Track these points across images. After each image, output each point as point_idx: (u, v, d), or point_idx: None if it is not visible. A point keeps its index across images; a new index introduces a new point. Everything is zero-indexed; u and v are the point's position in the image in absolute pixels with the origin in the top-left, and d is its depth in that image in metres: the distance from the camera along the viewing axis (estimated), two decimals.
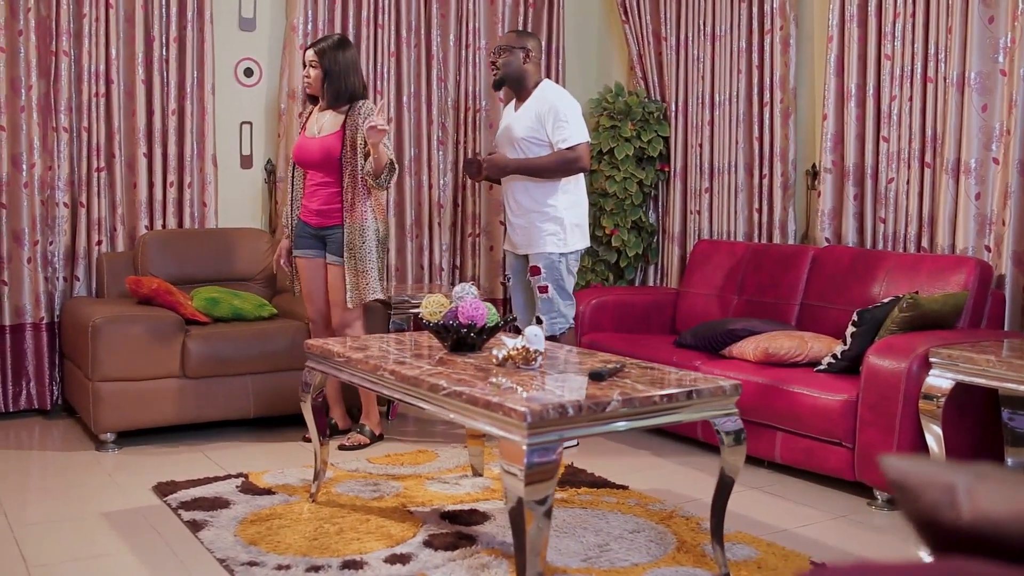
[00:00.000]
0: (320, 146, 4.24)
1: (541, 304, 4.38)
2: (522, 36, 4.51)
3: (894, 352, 3.53)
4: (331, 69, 4.23)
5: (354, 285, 4.22)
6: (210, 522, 3.30)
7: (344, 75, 4.25)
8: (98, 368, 4.16)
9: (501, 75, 4.45)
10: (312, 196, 4.31)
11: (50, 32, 4.72)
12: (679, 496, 3.71)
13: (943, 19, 4.22)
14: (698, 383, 2.81)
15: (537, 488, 2.43)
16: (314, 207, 4.30)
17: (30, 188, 4.69)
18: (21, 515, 3.41)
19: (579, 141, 4.29)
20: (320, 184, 4.27)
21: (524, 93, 4.43)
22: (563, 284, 4.40)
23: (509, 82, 4.46)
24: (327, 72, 4.24)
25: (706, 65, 5.38)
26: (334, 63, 4.24)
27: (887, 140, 4.47)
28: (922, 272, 4.08)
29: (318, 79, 4.26)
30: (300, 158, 4.34)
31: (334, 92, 4.25)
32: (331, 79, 4.24)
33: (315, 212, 4.30)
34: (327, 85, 4.25)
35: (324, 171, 4.24)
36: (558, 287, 4.38)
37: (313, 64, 4.26)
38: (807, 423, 3.78)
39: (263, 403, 4.48)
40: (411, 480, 3.81)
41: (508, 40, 4.48)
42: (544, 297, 4.37)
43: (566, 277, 4.40)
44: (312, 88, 4.31)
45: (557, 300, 4.38)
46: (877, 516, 3.55)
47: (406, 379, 2.90)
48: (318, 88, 4.28)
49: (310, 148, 4.28)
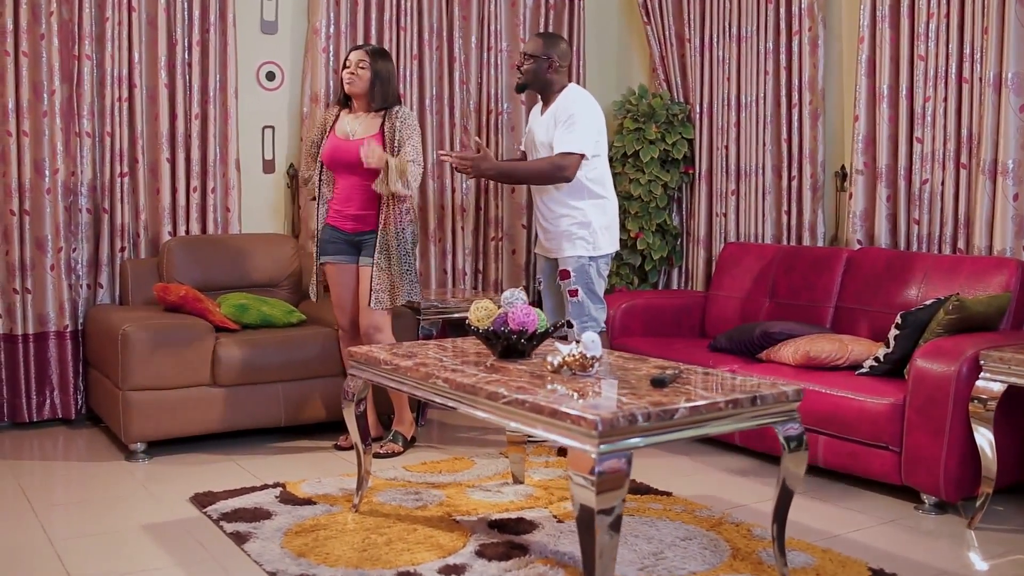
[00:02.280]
0: (358, 147, 4.15)
1: (571, 308, 4.33)
2: (549, 43, 4.37)
3: (943, 355, 3.49)
4: (379, 74, 4.22)
5: (387, 287, 4.16)
6: (254, 534, 3.24)
7: (390, 82, 4.27)
8: (128, 377, 4.09)
9: (523, 81, 4.40)
10: (348, 201, 4.25)
11: (73, 36, 4.66)
12: (724, 502, 3.67)
13: (979, 19, 4.19)
14: (761, 388, 2.76)
15: (608, 497, 2.38)
16: (350, 212, 4.24)
17: (53, 194, 4.62)
18: (60, 529, 3.34)
19: (574, 150, 4.15)
20: (356, 188, 4.22)
21: (550, 97, 4.38)
22: (593, 288, 4.34)
23: (532, 88, 4.42)
24: (376, 74, 4.22)
25: (732, 66, 5.35)
26: (382, 69, 4.24)
27: (921, 141, 4.44)
28: (961, 274, 4.05)
29: (367, 80, 4.23)
30: (335, 159, 4.25)
31: (383, 94, 4.24)
32: (381, 81, 4.23)
33: (351, 217, 4.24)
34: (377, 87, 4.23)
35: (360, 173, 4.17)
36: (588, 291, 4.32)
37: (363, 66, 4.22)
38: (852, 427, 3.74)
39: (293, 410, 4.43)
40: (452, 488, 3.76)
41: (535, 47, 4.37)
42: (575, 301, 4.32)
43: (596, 281, 4.35)
44: (356, 87, 4.24)
45: (588, 304, 4.32)
46: (925, 520, 3.51)
47: (462, 387, 2.84)
48: (365, 88, 4.23)
49: (348, 149, 4.18)
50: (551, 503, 3.58)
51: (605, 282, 4.42)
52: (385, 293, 4.17)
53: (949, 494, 3.49)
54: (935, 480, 3.49)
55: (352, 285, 4.29)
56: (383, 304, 4.17)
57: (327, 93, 5.21)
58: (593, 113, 4.28)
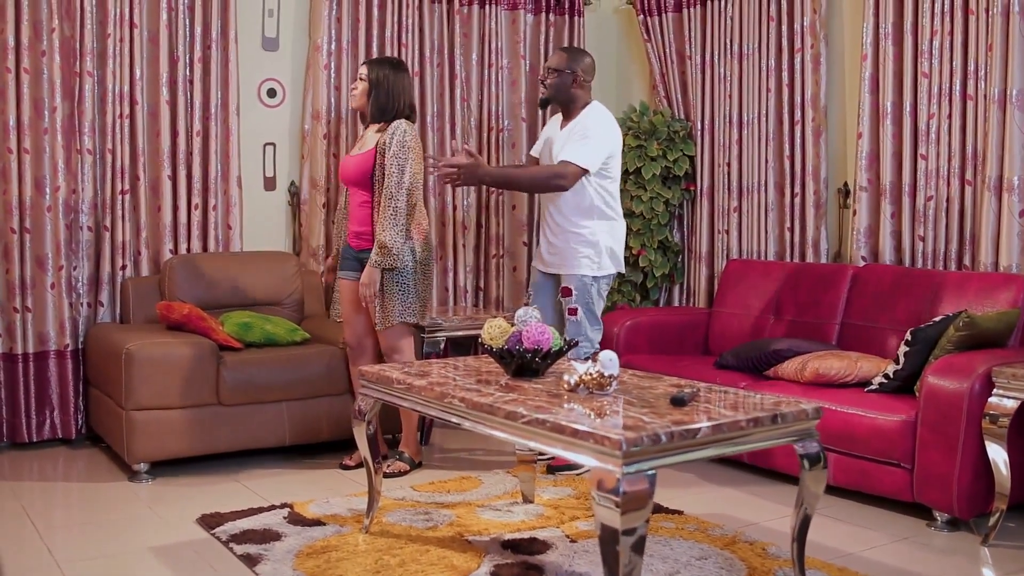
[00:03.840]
0: (355, 163, 4.21)
1: (569, 327, 4.28)
2: (573, 58, 4.33)
3: (955, 372, 3.49)
4: (378, 83, 4.19)
5: (380, 305, 4.13)
6: (265, 556, 3.20)
7: (391, 92, 4.18)
8: (132, 396, 4.05)
9: (548, 95, 4.38)
10: (352, 217, 4.28)
11: (74, 53, 4.63)
12: (736, 520, 3.65)
13: (983, 37, 4.21)
14: (781, 406, 2.75)
15: (632, 516, 2.36)
16: (354, 228, 4.26)
17: (54, 212, 4.58)
18: (67, 551, 3.29)
19: (577, 163, 4.11)
20: (360, 204, 4.22)
21: (572, 112, 4.35)
22: (592, 308, 4.32)
23: (555, 102, 4.39)
24: (373, 86, 4.19)
25: (733, 84, 5.36)
26: (383, 78, 4.19)
27: (925, 158, 4.45)
28: (969, 290, 4.05)
29: (364, 92, 4.22)
30: (341, 175, 4.36)
31: (379, 107, 4.19)
32: (377, 93, 4.19)
33: (355, 234, 4.26)
34: (373, 98, 4.19)
35: (363, 189, 4.19)
36: (587, 310, 4.29)
37: (361, 77, 4.23)
38: (863, 444, 3.73)
39: (298, 430, 4.39)
40: (462, 508, 3.73)
41: (560, 61, 4.33)
42: (573, 320, 4.28)
43: (596, 301, 4.32)
44: (356, 102, 4.27)
45: (585, 324, 4.29)
46: (938, 537, 3.50)
47: (479, 406, 2.82)
48: (363, 102, 4.24)
49: (348, 166, 4.27)
50: (563, 522, 3.55)
51: (604, 302, 4.40)
52: (378, 312, 4.15)
53: (962, 511, 3.48)
54: (948, 497, 3.48)
55: (358, 300, 4.27)
56: (380, 324, 4.15)
57: (328, 110, 5.19)
58: (610, 133, 4.26)
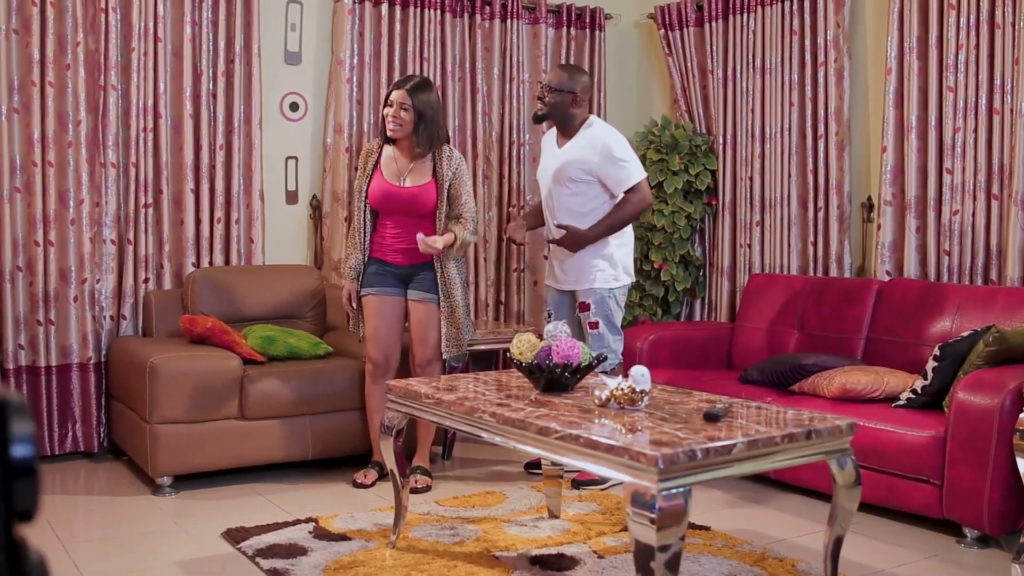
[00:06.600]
0: (412, 197, 4.08)
1: (591, 340, 4.31)
2: (572, 77, 4.35)
3: (985, 387, 3.46)
4: (424, 112, 4.01)
5: (455, 336, 4.15)
6: (292, 571, 3.18)
7: (436, 120, 4.04)
8: (156, 410, 4.04)
9: (545, 113, 4.39)
10: (398, 237, 4.13)
11: (98, 66, 4.64)
12: (764, 536, 3.62)
13: (1008, 51, 4.20)
14: (815, 422, 2.73)
15: (667, 533, 2.34)
16: (400, 247, 4.13)
17: (77, 225, 4.59)
18: (94, 567, 3.28)
19: (639, 179, 4.29)
20: (408, 226, 4.11)
21: (570, 130, 4.37)
22: (612, 319, 4.35)
23: (551, 119, 4.41)
24: (420, 115, 4.01)
25: (756, 98, 5.35)
26: (427, 106, 4.01)
27: (951, 172, 4.43)
28: (996, 305, 4.03)
29: (411, 123, 4.02)
30: (385, 205, 4.12)
31: (428, 138, 4.03)
32: (425, 123, 4.02)
33: (401, 251, 4.14)
34: (422, 130, 4.02)
35: (413, 218, 4.11)
36: (608, 322, 4.34)
37: (405, 107, 4.01)
38: (891, 460, 3.70)
39: (321, 444, 4.37)
40: (487, 523, 3.71)
41: (558, 80, 4.34)
42: (595, 333, 4.32)
43: (615, 312, 4.37)
44: (401, 132, 4.05)
45: (607, 336, 4.33)
46: (968, 554, 3.47)
47: (511, 422, 2.80)
48: (408, 132, 4.05)
49: (400, 197, 4.09)
50: (589, 538, 3.53)
51: (623, 312, 4.43)
52: (453, 341, 4.16)
53: (992, 528, 3.45)
54: (978, 514, 3.45)
55: (394, 316, 4.19)
56: (451, 353, 4.17)
57: (350, 124, 5.20)
58: (624, 140, 4.38)
